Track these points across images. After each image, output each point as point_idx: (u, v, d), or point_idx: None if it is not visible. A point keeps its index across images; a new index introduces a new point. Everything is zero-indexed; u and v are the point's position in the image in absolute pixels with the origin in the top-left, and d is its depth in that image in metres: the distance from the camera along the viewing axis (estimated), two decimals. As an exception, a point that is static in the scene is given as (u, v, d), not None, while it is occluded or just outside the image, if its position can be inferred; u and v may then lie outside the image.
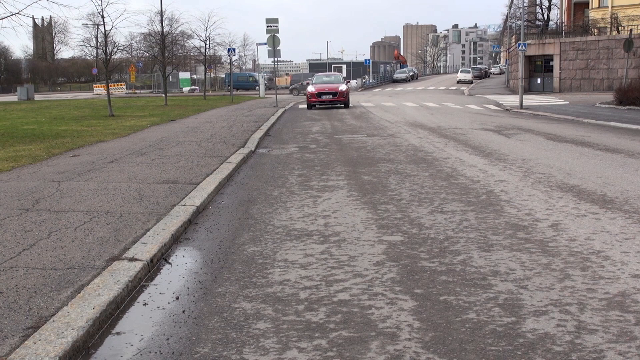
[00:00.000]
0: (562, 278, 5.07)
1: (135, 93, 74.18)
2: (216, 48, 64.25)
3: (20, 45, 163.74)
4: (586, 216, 7.18)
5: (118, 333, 4.32)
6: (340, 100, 33.61)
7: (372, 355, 3.80)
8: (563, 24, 60.27)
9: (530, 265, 5.41)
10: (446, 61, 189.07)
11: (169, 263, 5.91)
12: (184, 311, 4.65)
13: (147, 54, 52.44)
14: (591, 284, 4.90)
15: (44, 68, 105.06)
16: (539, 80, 49.76)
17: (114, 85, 71.95)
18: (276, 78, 51.92)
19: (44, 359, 3.63)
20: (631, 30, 40.92)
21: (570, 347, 3.82)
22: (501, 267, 5.40)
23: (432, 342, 3.95)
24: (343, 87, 34.29)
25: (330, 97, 33.48)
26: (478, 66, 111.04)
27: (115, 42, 32.39)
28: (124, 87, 77.77)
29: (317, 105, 34.17)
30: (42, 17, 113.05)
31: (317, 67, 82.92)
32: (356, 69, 79.86)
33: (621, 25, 47.91)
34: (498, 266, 5.42)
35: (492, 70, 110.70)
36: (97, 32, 29.01)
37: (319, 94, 33.69)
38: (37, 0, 18.54)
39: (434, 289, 4.92)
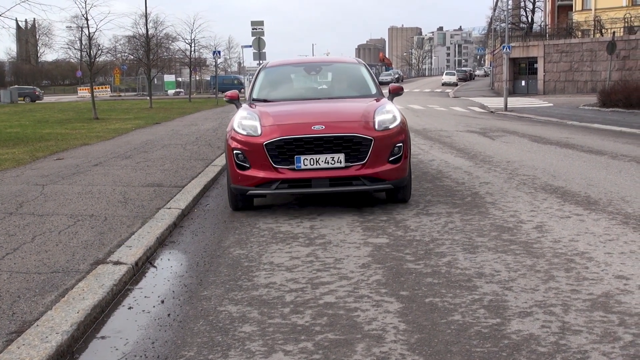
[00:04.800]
0: (547, 279, 5.09)
1: (120, 96, 73.85)
2: (201, 51, 63.95)
3: (4, 48, 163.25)
4: (570, 217, 7.22)
5: (103, 337, 4.29)
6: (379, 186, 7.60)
7: (358, 358, 3.80)
8: (547, 27, 60.66)
9: (515, 267, 5.43)
10: (431, 63, 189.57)
11: (154, 266, 5.89)
12: (169, 315, 4.64)
13: (132, 57, 52.34)
14: (575, 285, 4.93)
15: (27, 71, 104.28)
16: (523, 83, 50.02)
17: (99, 88, 71.57)
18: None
19: (27, 364, 3.60)
20: (614, 32, 41.20)
21: (554, 348, 3.84)
22: (486, 268, 5.42)
23: (417, 344, 3.95)
24: (393, 122, 7.80)
25: (329, 172, 7.39)
26: (463, 69, 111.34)
27: (99, 45, 32.32)
28: (109, 89, 77.39)
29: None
30: (26, 19, 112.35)
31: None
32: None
33: (604, 28, 48.25)
34: (483, 268, 5.44)
35: (477, 72, 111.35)
36: (81, 34, 28.96)
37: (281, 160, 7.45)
38: (20, 2, 18.39)
39: (419, 290, 4.93)
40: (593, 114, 26.13)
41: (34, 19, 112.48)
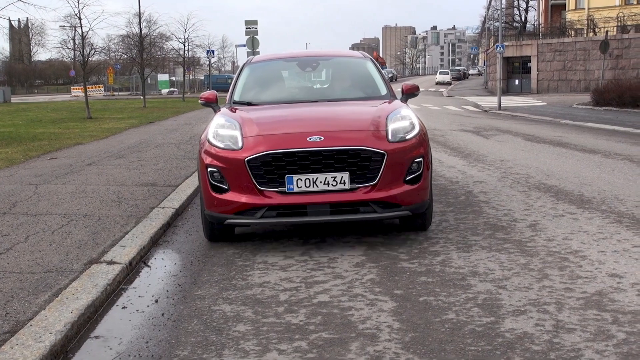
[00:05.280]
0: (541, 278, 5.10)
1: (114, 95, 73.69)
2: (195, 50, 63.97)
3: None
4: (564, 216, 7.23)
5: (97, 337, 4.29)
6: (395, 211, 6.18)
7: (352, 357, 3.80)
8: (540, 26, 60.74)
9: (509, 266, 5.44)
10: (425, 63, 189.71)
11: (148, 266, 5.88)
12: (163, 314, 4.63)
13: (125, 56, 52.36)
14: (569, 284, 4.94)
15: (20, 70, 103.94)
16: (517, 82, 50.10)
17: (92, 88, 71.39)
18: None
19: (21, 364, 3.59)
20: (607, 31, 41.32)
21: (548, 346, 3.85)
22: (480, 267, 5.43)
23: (411, 343, 3.96)
24: (411, 131, 6.36)
25: (330, 196, 5.98)
26: (457, 68, 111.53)
27: (92, 44, 32.25)
28: (102, 89, 77.18)
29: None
30: (19, 18, 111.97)
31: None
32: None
33: (597, 27, 48.37)
34: (477, 267, 5.44)
35: (471, 71, 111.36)
36: (75, 34, 28.95)
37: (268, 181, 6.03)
38: (13, 2, 18.33)
39: (413, 289, 4.94)
40: (586, 112, 26.20)
41: (27, 18, 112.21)
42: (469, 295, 4.77)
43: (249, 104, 7.37)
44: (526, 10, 72.59)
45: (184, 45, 50.22)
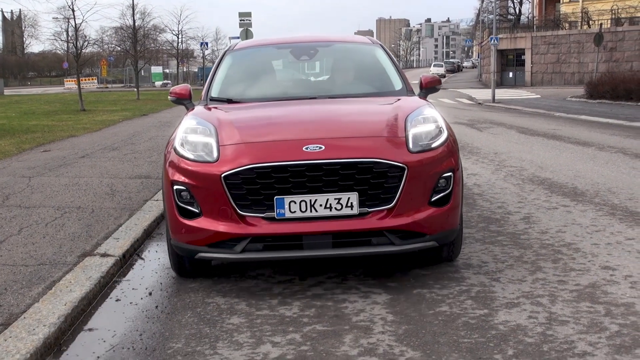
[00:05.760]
0: (534, 270, 5.11)
1: (107, 87, 73.47)
2: (189, 42, 63.90)
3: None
4: (557, 209, 7.25)
5: (90, 329, 4.28)
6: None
7: (345, 349, 3.81)
8: (535, 18, 60.76)
9: (503, 258, 5.45)
10: (419, 55, 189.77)
11: (142, 258, 5.87)
12: (157, 307, 4.63)
13: (119, 48, 52.24)
14: (562, 276, 4.95)
15: (13, 62, 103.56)
16: (511, 74, 50.11)
17: (85, 80, 71.13)
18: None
19: (14, 356, 3.59)
20: (601, 24, 41.34)
21: (541, 338, 3.86)
22: (474, 259, 5.43)
23: (405, 335, 3.96)
24: (437, 138, 5.05)
25: (333, 223, 4.63)
26: (451, 60, 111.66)
27: (86, 36, 32.21)
28: (96, 81, 76.95)
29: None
30: (12, 10, 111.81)
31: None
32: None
33: (591, 20, 48.38)
34: (471, 259, 5.45)
35: (465, 64, 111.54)
36: (68, 25, 28.85)
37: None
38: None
39: (407, 282, 4.95)
40: (580, 105, 26.23)
41: (20, 9, 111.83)
42: (463, 287, 4.78)
43: (230, 101, 5.96)
44: (520, 3, 72.67)
45: (178, 38, 50.22)
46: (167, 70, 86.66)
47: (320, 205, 4.50)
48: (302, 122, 5.22)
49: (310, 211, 4.51)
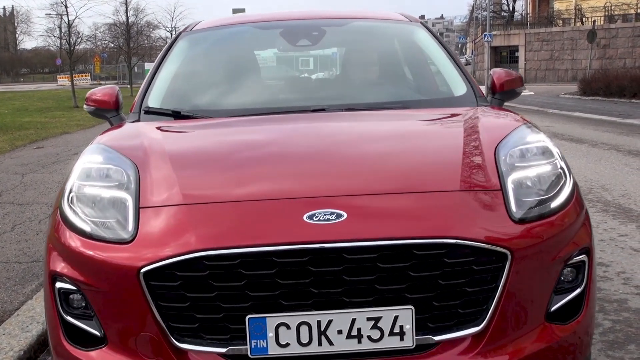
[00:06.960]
0: (527, 266, 5.11)
1: (101, 84, 73.21)
2: (182, 38, 63.64)
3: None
4: (551, 205, 7.25)
5: (84, 326, 4.27)
6: None
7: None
8: (528, 15, 60.90)
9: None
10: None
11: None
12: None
13: (112, 45, 52.15)
14: (555, 272, 4.96)
15: (6, 59, 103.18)
16: (504, 71, 50.15)
17: (79, 76, 70.88)
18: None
19: (7, 353, 3.58)
20: (594, 21, 41.45)
21: (535, 334, 3.86)
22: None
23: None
24: (558, 190, 2.55)
25: None
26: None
27: (79, 33, 32.14)
28: (89, 78, 76.66)
29: None
30: (4, 6, 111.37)
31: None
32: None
33: (585, 17, 48.50)
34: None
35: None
36: (61, 22, 28.74)
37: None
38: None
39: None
40: (574, 102, 26.29)
41: (12, 6, 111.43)
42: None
43: (177, 114, 3.54)
44: (514, 0, 72.69)
45: (171, 34, 50.06)
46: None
47: (339, 331, 2.25)
48: (300, 159, 2.83)
49: (320, 343, 2.25)
